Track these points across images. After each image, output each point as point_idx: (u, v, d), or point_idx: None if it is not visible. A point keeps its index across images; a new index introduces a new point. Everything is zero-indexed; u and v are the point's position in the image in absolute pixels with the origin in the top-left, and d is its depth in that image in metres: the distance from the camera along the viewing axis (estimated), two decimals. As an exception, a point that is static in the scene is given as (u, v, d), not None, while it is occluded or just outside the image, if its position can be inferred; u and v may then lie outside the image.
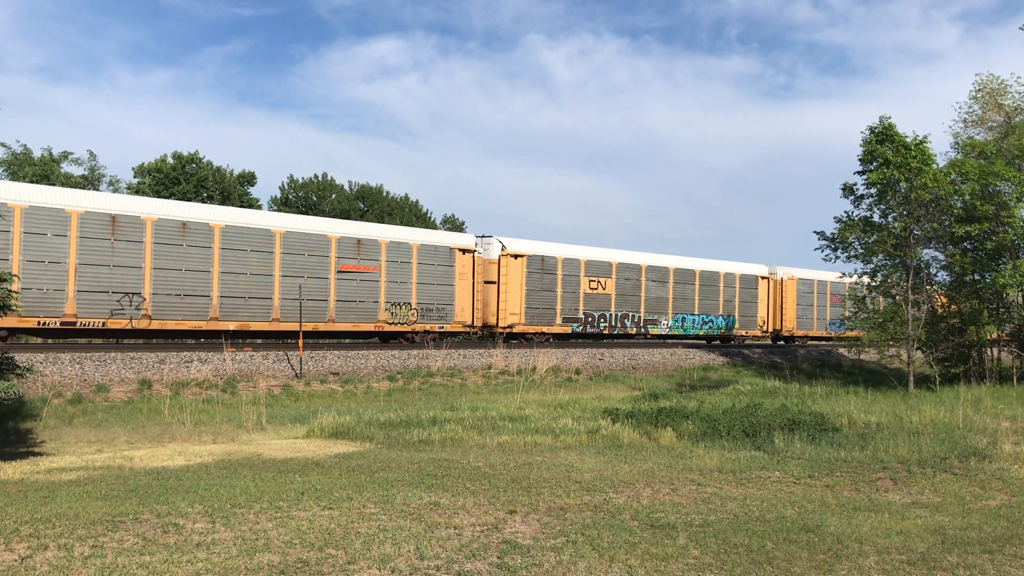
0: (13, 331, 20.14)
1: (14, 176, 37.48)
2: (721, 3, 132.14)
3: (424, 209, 56.39)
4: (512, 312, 28.70)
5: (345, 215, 48.92)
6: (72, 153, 41.96)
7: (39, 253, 19.48)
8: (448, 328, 27.21)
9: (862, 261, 23.88)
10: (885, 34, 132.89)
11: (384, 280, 25.50)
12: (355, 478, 9.35)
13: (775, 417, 13.86)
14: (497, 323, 28.54)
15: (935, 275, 25.08)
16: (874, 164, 22.52)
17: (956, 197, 22.72)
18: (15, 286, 14.58)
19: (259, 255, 22.80)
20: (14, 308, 11.53)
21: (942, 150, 66.09)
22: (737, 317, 36.47)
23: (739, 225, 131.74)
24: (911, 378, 21.86)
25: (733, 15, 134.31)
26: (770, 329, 38.50)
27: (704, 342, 36.87)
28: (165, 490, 8.55)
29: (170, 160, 45.56)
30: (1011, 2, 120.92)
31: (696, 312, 34.81)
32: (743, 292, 36.73)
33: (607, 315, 31.80)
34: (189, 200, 40.74)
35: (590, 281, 31.12)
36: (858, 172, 23.20)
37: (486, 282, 28.45)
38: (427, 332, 26.77)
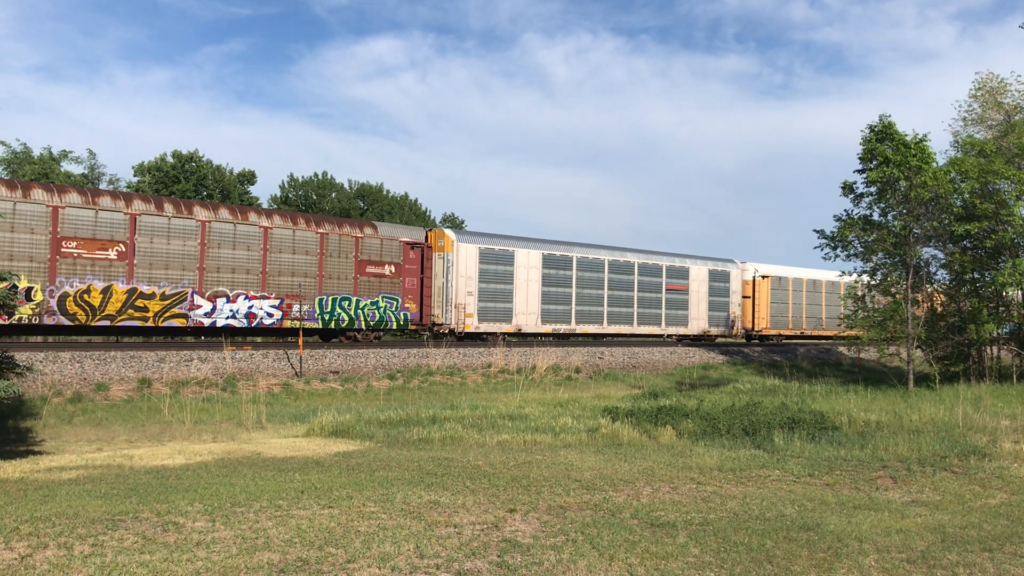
0: (770, 337, 39.15)
1: (14, 175, 37.45)
2: (718, 2, 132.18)
3: (424, 208, 56.40)
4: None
5: (345, 214, 48.89)
6: (72, 152, 41.94)
7: (778, 297, 38.87)
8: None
9: (862, 260, 23.89)
10: (881, 33, 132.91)
11: (824, 304, 41.48)
12: (355, 477, 9.35)
13: (775, 416, 13.86)
14: None
15: (935, 273, 25.08)
16: (874, 162, 22.50)
17: (956, 195, 22.70)
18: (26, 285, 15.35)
19: (814, 294, 40.91)
20: (17, 309, 11.60)
21: (941, 148, 66.14)
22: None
23: (737, 223, 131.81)
24: (911, 376, 21.85)
25: (730, 14, 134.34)
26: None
27: (705, 341, 37.22)
28: (165, 489, 8.55)
29: (170, 159, 45.53)
30: (1007, 1, 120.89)
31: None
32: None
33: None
34: (189, 198, 40.73)
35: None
36: (858, 170, 23.19)
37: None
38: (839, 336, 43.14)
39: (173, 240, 21.17)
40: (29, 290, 19.01)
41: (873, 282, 23.89)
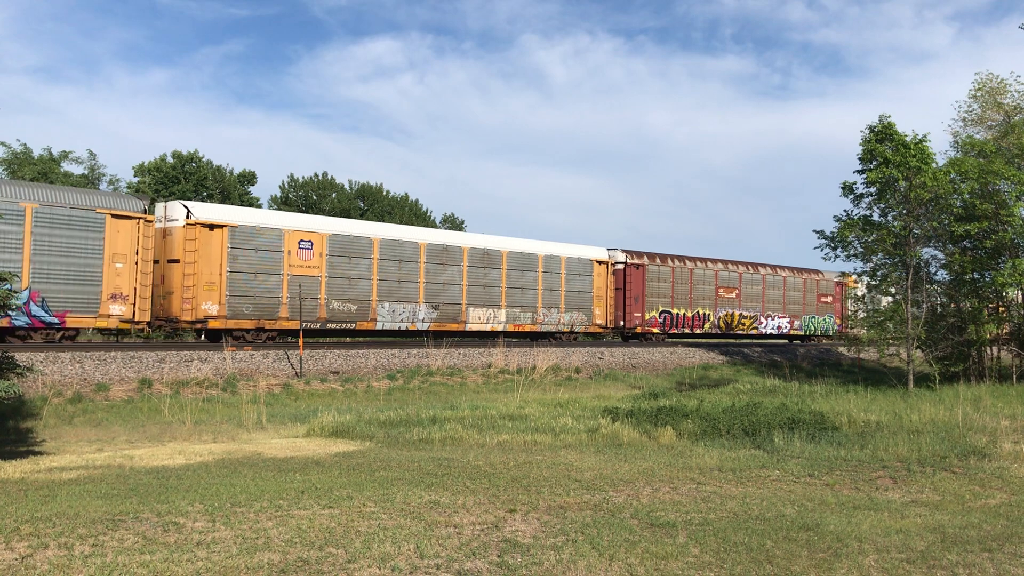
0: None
1: (14, 175, 37.44)
2: (716, 3, 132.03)
3: (424, 209, 56.42)
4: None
5: (345, 214, 48.93)
6: (72, 152, 41.88)
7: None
8: None
9: (862, 260, 23.91)
10: (879, 34, 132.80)
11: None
12: (355, 477, 9.36)
13: (775, 416, 13.87)
14: None
15: (935, 274, 25.09)
16: (873, 163, 22.52)
17: (955, 196, 22.72)
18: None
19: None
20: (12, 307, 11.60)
21: (941, 149, 66.21)
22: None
23: (737, 224, 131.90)
24: (911, 377, 21.86)
25: (727, 15, 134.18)
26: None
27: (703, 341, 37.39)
28: (165, 489, 8.56)
29: (170, 159, 45.54)
30: (1004, 2, 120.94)
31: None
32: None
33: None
34: (189, 199, 40.77)
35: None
36: (857, 171, 23.21)
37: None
38: None
39: (754, 287, 37.23)
40: (708, 315, 35.15)
41: (873, 282, 23.94)
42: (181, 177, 44.85)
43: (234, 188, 47.55)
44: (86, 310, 20.07)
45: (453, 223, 58.80)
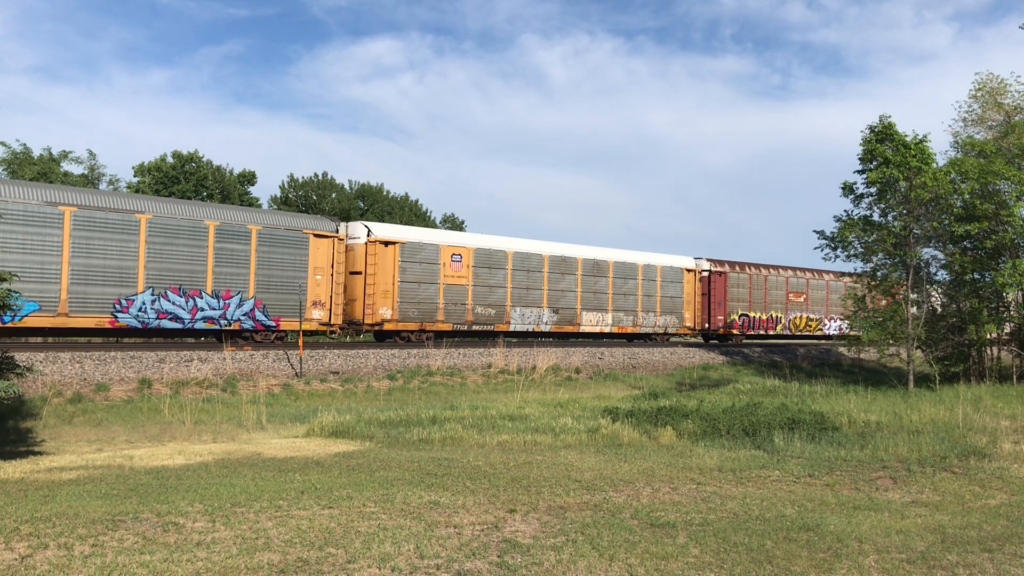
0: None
1: (14, 175, 37.41)
2: (715, 3, 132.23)
3: (424, 209, 56.38)
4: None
5: (345, 214, 48.94)
6: (72, 152, 41.88)
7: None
8: None
9: (862, 260, 23.91)
10: (879, 34, 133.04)
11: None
12: (355, 477, 9.36)
13: (775, 416, 13.86)
14: None
15: (935, 274, 25.09)
16: (874, 163, 22.52)
17: (956, 196, 22.71)
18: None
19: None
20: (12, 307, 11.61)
21: (941, 149, 66.20)
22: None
23: (737, 224, 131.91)
24: (911, 377, 21.85)
25: (727, 15, 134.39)
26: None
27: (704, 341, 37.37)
28: (165, 489, 8.56)
29: (170, 159, 45.54)
30: (1003, 2, 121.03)
31: None
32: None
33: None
34: (189, 199, 40.76)
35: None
36: (858, 171, 23.21)
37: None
38: None
39: (819, 292, 39.95)
40: (780, 318, 37.91)
41: (873, 282, 23.95)
42: (181, 177, 44.85)
43: (234, 188, 47.55)
44: (294, 315, 23.25)
45: (453, 223, 58.77)
